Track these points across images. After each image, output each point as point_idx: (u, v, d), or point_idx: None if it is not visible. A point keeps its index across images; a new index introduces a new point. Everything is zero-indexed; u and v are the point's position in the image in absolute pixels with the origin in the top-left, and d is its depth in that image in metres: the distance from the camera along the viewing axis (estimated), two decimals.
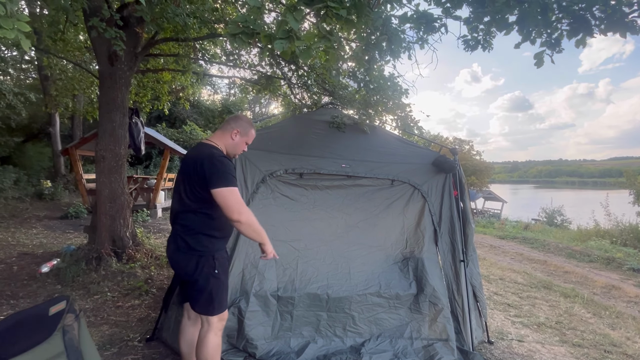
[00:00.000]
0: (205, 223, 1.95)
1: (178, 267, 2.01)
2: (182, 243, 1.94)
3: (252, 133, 2.17)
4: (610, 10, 2.19)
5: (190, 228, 1.94)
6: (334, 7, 1.70)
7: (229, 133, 2.08)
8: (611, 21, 2.20)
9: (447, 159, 3.13)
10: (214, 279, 1.95)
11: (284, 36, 1.69)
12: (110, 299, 3.62)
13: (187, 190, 1.93)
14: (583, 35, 2.31)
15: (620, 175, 18.92)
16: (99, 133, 4.54)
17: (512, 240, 10.47)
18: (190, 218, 1.94)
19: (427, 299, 2.85)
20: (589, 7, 2.23)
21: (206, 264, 1.93)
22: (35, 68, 13.25)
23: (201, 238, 1.94)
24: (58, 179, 12.14)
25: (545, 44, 2.43)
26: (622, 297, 5.48)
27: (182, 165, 2.01)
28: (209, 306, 1.96)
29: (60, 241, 6.25)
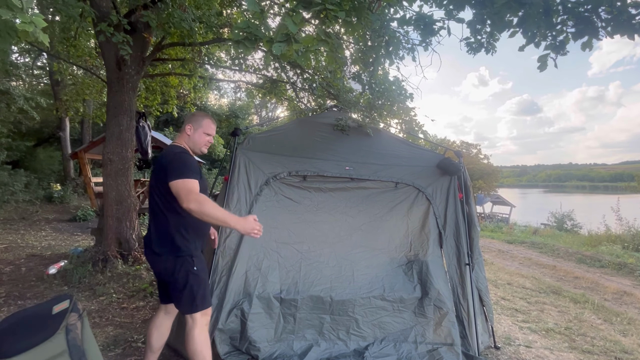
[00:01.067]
0: (175, 222, 1.96)
1: (156, 269, 2.05)
2: (157, 245, 1.96)
3: (207, 121, 2.17)
4: (616, 11, 2.15)
5: (162, 229, 1.97)
6: (333, 9, 1.71)
7: (184, 131, 2.14)
8: (618, 23, 2.16)
9: (452, 161, 3.11)
10: (193, 275, 1.96)
11: (283, 39, 1.70)
12: (116, 300, 3.64)
13: (155, 191, 1.98)
14: (589, 37, 2.27)
15: (632, 180, 18.61)
16: (106, 136, 4.61)
17: (520, 244, 10.31)
18: (160, 219, 1.98)
19: (431, 302, 2.81)
20: (595, 8, 2.19)
21: (184, 264, 1.95)
22: (46, 74, 13.54)
23: (175, 238, 1.95)
24: (67, 183, 12.34)
25: (550, 46, 2.39)
26: (634, 303, 5.35)
27: (154, 169, 2.07)
28: (192, 304, 1.97)
29: (68, 243, 6.33)
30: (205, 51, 6.29)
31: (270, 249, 2.80)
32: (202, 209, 1.79)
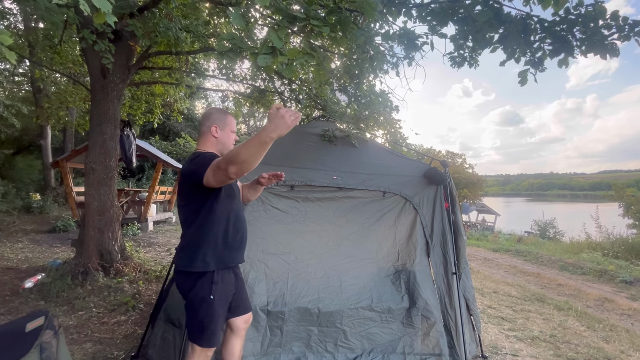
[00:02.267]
0: (201, 234, 1.77)
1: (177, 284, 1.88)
2: (179, 260, 1.80)
3: (230, 118, 1.98)
4: (590, 32, 2.26)
5: (187, 242, 1.79)
6: (317, 25, 1.73)
7: (210, 134, 1.89)
8: (591, 43, 2.28)
9: (437, 171, 3.15)
10: (206, 304, 1.74)
11: (268, 52, 1.71)
12: (96, 314, 3.51)
13: (180, 203, 1.84)
14: (565, 55, 2.39)
15: (609, 189, 19.23)
16: (89, 145, 4.51)
17: (505, 253, 10.48)
18: (188, 232, 1.80)
19: (419, 312, 2.81)
20: (570, 28, 2.31)
21: (202, 287, 1.74)
22: (28, 80, 13.22)
23: (198, 253, 1.75)
24: (47, 192, 11.96)
25: (529, 62, 2.50)
26: (615, 309, 5.48)
27: None
28: (201, 334, 1.76)
29: (47, 255, 6.10)
30: (192, 60, 6.27)
31: (257, 260, 2.76)
32: (237, 159, 1.46)
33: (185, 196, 1.79)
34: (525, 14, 2.42)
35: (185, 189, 1.77)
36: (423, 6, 2.65)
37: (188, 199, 1.78)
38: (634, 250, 9.77)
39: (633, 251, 9.74)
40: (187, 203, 1.79)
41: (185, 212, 1.80)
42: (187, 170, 1.74)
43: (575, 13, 2.27)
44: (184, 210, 1.82)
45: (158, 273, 4.72)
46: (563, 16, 2.30)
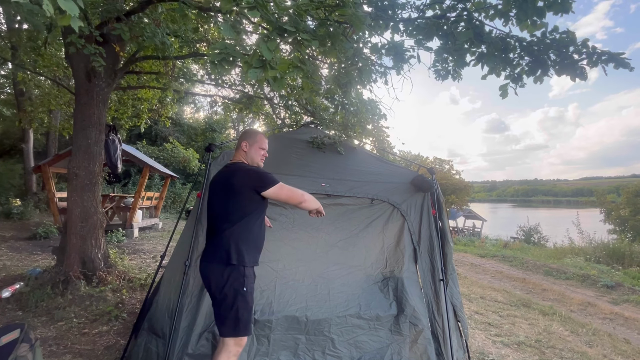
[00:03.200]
0: (234, 234, 2.02)
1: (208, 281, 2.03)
2: (211, 255, 2.02)
3: (261, 137, 2.29)
4: (562, 55, 2.41)
5: (217, 241, 2.03)
6: (306, 39, 1.75)
7: (240, 149, 2.24)
8: (563, 65, 2.44)
9: (425, 178, 3.18)
10: (241, 296, 1.97)
11: (258, 65, 1.71)
12: (76, 325, 3.40)
13: (223, 204, 2.05)
14: (541, 73, 2.53)
15: (591, 195, 19.79)
16: (72, 150, 4.40)
17: (492, 258, 10.63)
18: (217, 233, 2.04)
19: (407, 319, 2.81)
20: (546, 50, 2.45)
21: (237, 280, 1.97)
22: (10, 83, 12.89)
23: (230, 250, 1.99)
24: (28, 197, 11.61)
25: (509, 77, 2.63)
26: (597, 314, 5.60)
27: (220, 185, 2.12)
28: (237, 325, 1.96)
29: (26, 263, 5.89)
30: (181, 65, 6.22)
31: None
32: (309, 202, 2.12)
33: (235, 199, 2.04)
34: (505, 34, 2.54)
35: (241, 193, 2.04)
36: (410, 21, 2.71)
37: (239, 203, 2.04)
38: (615, 255, 10.04)
39: (614, 256, 10.00)
40: (236, 206, 2.04)
41: (231, 213, 2.03)
42: (246, 180, 2.05)
43: (551, 37, 2.48)
44: (227, 212, 2.04)
45: (143, 281, 4.61)
46: (540, 38, 2.49)
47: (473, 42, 2.37)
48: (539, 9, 2.35)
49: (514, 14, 2.49)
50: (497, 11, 2.58)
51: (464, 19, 2.51)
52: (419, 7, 2.77)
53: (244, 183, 2.04)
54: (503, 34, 2.55)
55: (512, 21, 2.52)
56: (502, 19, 2.59)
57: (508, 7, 2.47)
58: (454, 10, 2.64)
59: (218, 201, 2.10)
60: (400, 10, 2.75)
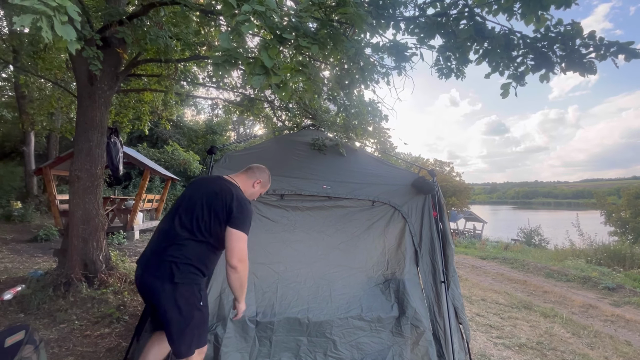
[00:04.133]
0: (204, 255, 1.93)
1: (154, 295, 1.85)
2: (168, 271, 1.82)
3: (268, 185, 2.36)
4: (569, 50, 2.36)
5: (186, 257, 1.85)
6: (306, 45, 1.77)
7: (252, 181, 2.22)
8: (570, 60, 2.38)
9: (426, 180, 3.20)
10: (198, 312, 1.87)
11: (261, 72, 1.73)
12: (78, 327, 3.40)
13: (200, 219, 1.90)
14: (546, 71, 2.48)
15: (591, 197, 19.76)
16: (74, 152, 4.41)
17: (492, 260, 10.61)
18: (191, 246, 1.88)
19: (408, 321, 2.81)
20: (550, 45, 2.41)
21: (192, 295, 1.85)
22: (12, 86, 12.93)
23: (192, 269, 1.87)
24: (29, 200, 11.62)
25: (512, 76, 2.60)
26: (599, 316, 5.59)
27: (205, 196, 1.96)
28: (191, 344, 1.85)
29: (27, 266, 5.90)
30: (182, 68, 6.25)
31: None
32: (244, 273, 1.89)
33: (215, 218, 1.91)
34: (508, 30, 2.51)
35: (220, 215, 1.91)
36: (411, 19, 2.71)
37: (216, 222, 1.91)
38: (616, 257, 10.02)
39: (615, 258, 9.98)
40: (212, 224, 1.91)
41: (203, 228, 1.89)
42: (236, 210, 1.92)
43: (555, 31, 2.38)
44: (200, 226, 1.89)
45: None
46: (544, 33, 2.41)
47: (475, 39, 2.36)
48: (543, 1, 2.30)
49: (517, 8, 2.44)
50: (500, 6, 2.53)
51: (466, 16, 2.50)
52: (420, 5, 2.78)
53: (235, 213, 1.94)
54: (506, 30, 2.52)
55: (516, 16, 2.47)
56: (505, 14, 2.53)
57: (511, 1, 2.43)
58: (455, 7, 2.63)
59: (200, 211, 1.93)
60: (401, 8, 2.75)
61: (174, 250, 1.86)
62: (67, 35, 1.29)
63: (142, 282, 1.89)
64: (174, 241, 1.88)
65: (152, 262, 1.89)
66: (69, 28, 1.31)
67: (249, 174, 2.25)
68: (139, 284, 1.91)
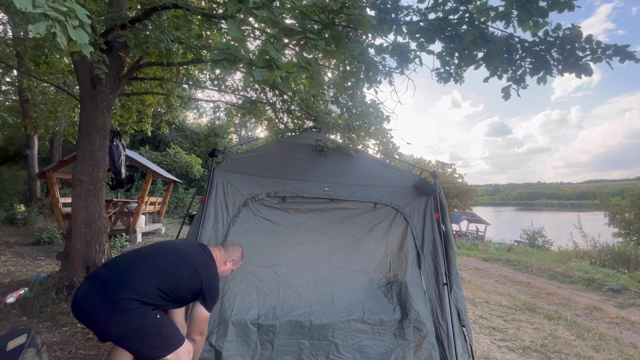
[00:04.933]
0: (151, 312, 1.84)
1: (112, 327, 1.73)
2: (124, 304, 1.74)
3: (240, 264, 2.47)
4: (566, 53, 2.40)
5: (142, 302, 1.79)
6: (313, 38, 1.76)
7: (226, 259, 2.29)
8: (567, 63, 2.42)
9: (427, 182, 3.19)
10: (161, 318, 1.86)
11: (264, 65, 1.73)
12: (80, 330, 3.40)
13: (181, 288, 1.95)
14: (544, 73, 2.52)
15: (595, 198, 19.61)
16: (77, 156, 4.44)
17: (496, 262, 10.55)
18: (150, 297, 1.82)
19: (411, 324, 2.80)
20: (548, 49, 2.44)
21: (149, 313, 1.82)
22: (15, 90, 13.03)
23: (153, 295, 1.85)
24: (33, 203, 11.67)
25: (511, 79, 2.63)
26: (603, 318, 5.54)
27: (185, 255, 2.03)
28: (168, 346, 1.85)
29: (30, 269, 5.92)
30: (184, 71, 6.27)
31: (248, 272, 2.73)
32: (201, 344, 2.12)
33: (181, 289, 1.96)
34: (508, 34, 2.53)
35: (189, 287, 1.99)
36: (413, 24, 2.72)
37: (184, 291, 1.98)
38: (620, 258, 9.94)
39: (619, 259, 9.90)
40: (175, 292, 1.94)
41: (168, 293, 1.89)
42: (209, 293, 2.05)
43: (554, 35, 2.45)
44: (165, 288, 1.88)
45: None
46: (542, 38, 2.47)
47: (478, 42, 2.38)
48: (541, 9, 2.34)
49: (515, 15, 2.49)
50: (498, 13, 2.57)
51: (466, 22, 2.53)
52: (421, 11, 2.79)
53: (202, 291, 2.00)
54: (506, 34, 2.55)
55: (513, 23, 2.51)
56: (503, 21, 2.58)
57: (509, 9, 2.47)
58: (456, 12, 2.65)
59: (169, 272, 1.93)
60: (403, 13, 2.76)
61: (129, 293, 1.77)
62: (80, 39, 1.31)
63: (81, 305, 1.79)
64: (133, 286, 1.81)
65: (104, 288, 1.79)
66: (81, 32, 1.33)
67: (227, 251, 2.32)
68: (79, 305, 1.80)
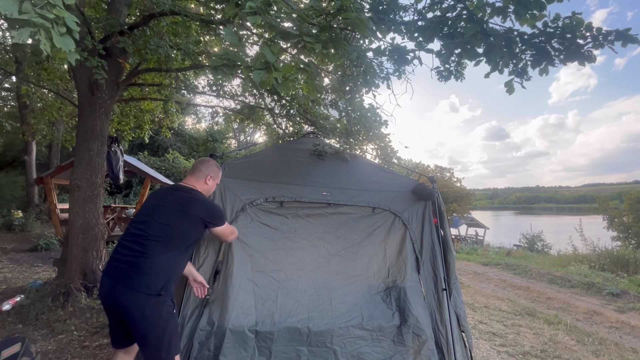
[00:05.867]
0: (172, 263, 1.93)
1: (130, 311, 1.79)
2: (145, 284, 1.81)
3: (220, 174, 2.47)
4: (567, 42, 2.39)
5: (156, 268, 1.84)
6: (310, 41, 1.77)
7: (203, 179, 2.28)
8: (569, 52, 2.41)
9: (426, 187, 3.18)
10: (173, 318, 1.89)
11: (262, 67, 1.73)
12: (77, 338, 3.37)
13: (169, 227, 1.92)
14: (545, 64, 2.50)
15: (593, 201, 19.63)
16: (75, 161, 4.43)
17: (495, 266, 10.53)
18: (157, 257, 1.85)
19: (410, 330, 2.77)
20: (548, 40, 2.43)
21: (165, 306, 1.88)
22: (14, 96, 13.04)
23: (168, 279, 1.90)
24: (30, 209, 11.63)
25: (513, 72, 2.62)
26: (603, 322, 5.52)
27: (169, 201, 2.03)
28: (168, 350, 1.86)
29: (27, 275, 5.88)
30: (183, 77, 6.29)
31: (246, 277, 2.70)
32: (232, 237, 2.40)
33: (183, 227, 1.97)
34: (507, 28, 2.54)
35: (192, 223, 2.01)
36: (411, 23, 2.74)
37: (186, 232, 1.98)
38: (619, 262, 9.94)
39: (618, 263, 9.90)
40: (182, 235, 1.95)
41: (174, 239, 1.91)
42: (207, 214, 2.09)
43: (553, 26, 2.43)
44: (170, 236, 1.91)
45: None
46: (542, 29, 2.45)
47: (479, 35, 2.39)
48: (538, 1, 2.34)
49: (512, 10, 2.50)
50: (495, 9, 2.59)
51: (464, 19, 2.53)
52: (419, 10, 2.81)
53: (200, 214, 2.04)
54: (504, 28, 2.56)
55: (510, 17, 2.52)
56: (500, 16, 2.59)
57: (507, 4, 2.48)
58: (453, 10, 2.67)
59: (162, 222, 1.95)
60: (400, 12, 2.78)
61: (142, 262, 1.83)
62: (65, 46, 1.30)
63: (113, 296, 1.82)
64: (141, 254, 1.85)
65: (122, 272, 1.84)
66: (68, 39, 1.31)
67: (198, 173, 2.28)
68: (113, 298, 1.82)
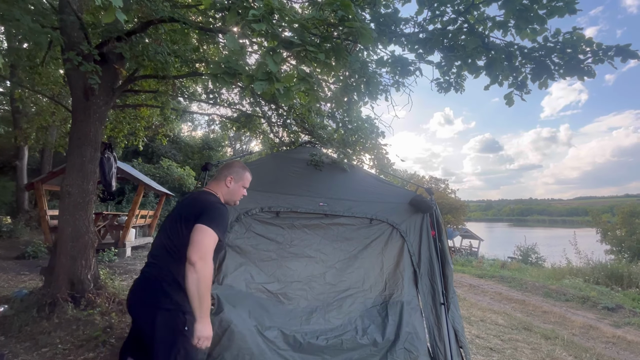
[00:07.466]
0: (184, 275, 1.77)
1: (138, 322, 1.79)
2: (162, 293, 1.74)
3: (247, 176, 2.16)
4: (567, 57, 2.41)
5: (171, 277, 1.77)
6: (313, 51, 1.75)
7: (223, 181, 2.08)
8: (569, 66, 2.43)
9: (423, 198, 3.15)
10: (185, 338, 1.72)
11: (264, 78, 1.70)
12: (61, 351, 3.23)
13: (174, 236, 1.82)
14: (545, 78, 2.52)
15: (586, 214, 19.82)
16: (67, 167, 4.33)
17: (490, 279, 10.48)
18: (172, 266, 1.77)
19: (403, 345, 2.71)
20: (548, 54, 2.45)
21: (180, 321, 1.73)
22: (7, 101, 12.91)
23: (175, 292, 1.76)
24: (20, 215, 11.39)
25: (513, 85, 2.63)
26: (600, 337, 5.47)
27: (179, 208, 1.95)
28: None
29: (12, 284, 5.70)
30: (180, 84, 6.26)
31: (240, 288, 2.63)
32: (204, 276, 1.62)
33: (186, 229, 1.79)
34: (507, 42, 2.56)
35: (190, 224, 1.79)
36: (413, 35, 2.75)
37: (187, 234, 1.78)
38: (613, 276, 9.95)
39: (612, 277, 9.91)
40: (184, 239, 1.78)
41: (181, 249, 1.74)
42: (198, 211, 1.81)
43: (554, 40, 2.44)
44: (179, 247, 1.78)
45: None
46: (542, 43, 2.47)
47: (480, 48, 2.40)
48: (540, 16, 2.36)
49: (512, 24, 2.51)
50: (495, 23, 2.60)
51: (465, 32, 2.55)
52: (420, 23, 2.82)
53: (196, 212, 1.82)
54: (505, 42, 2.58)
55: (511, 31, 2.54)
56: (500, 30, 2.60)
57: (508, 17, 2.49)
58: (454, 23, 2.68)
59: (169, 231, 1.86)
60: (402, 24, 2.79)
61: (153, 270, 1.80)
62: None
63: (128, 307, 1.83)
64: (160, 264, 1.82)
65: (136, 283, 1.82)
66: None
67: (219, 176, 2.11)
68: (127, 309, 1.85)
